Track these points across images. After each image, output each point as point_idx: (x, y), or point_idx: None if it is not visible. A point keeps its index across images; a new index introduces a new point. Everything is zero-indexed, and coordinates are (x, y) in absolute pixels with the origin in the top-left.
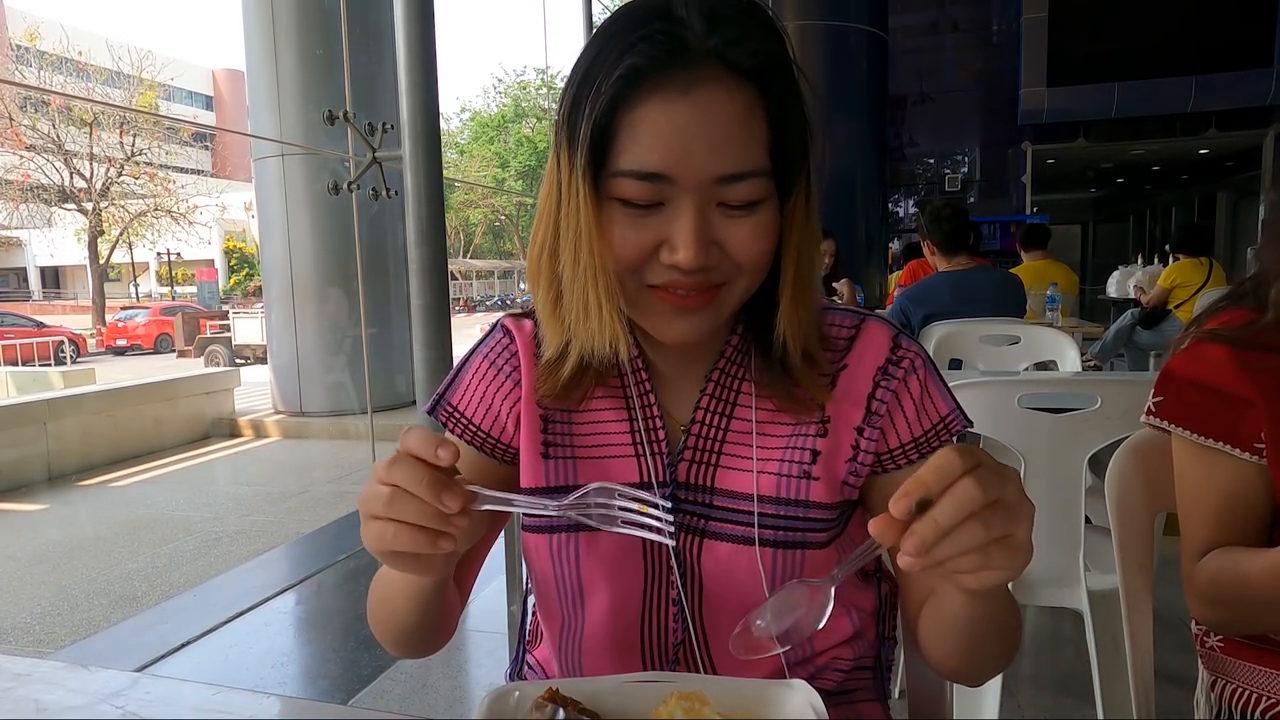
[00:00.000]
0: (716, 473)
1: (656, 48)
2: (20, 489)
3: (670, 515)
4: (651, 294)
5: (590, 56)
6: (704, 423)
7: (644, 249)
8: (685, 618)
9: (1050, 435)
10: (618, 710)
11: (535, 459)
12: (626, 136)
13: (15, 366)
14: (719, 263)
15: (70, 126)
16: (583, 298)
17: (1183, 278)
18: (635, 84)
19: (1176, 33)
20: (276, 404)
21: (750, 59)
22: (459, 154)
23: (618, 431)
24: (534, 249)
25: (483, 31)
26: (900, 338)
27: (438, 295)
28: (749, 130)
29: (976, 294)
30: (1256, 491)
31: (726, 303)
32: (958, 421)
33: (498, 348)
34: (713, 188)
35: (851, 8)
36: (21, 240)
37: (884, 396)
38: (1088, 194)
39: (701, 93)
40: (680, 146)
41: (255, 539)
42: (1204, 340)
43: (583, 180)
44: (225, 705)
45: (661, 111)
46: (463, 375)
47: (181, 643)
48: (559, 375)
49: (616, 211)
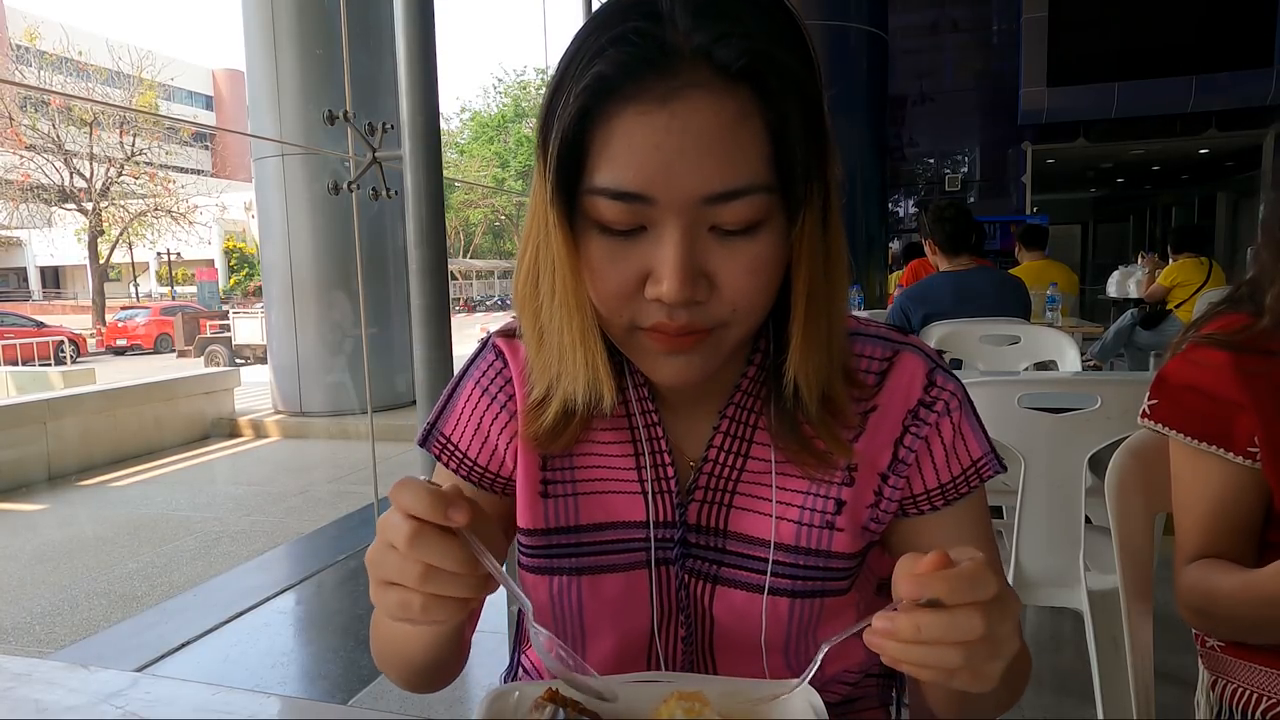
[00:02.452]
0: (730, 515)
1: (628, 52)
2: (20, 489)
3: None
4: (640, 334)
5: (566, 59)
6: (717, 461)
7: (626, 283)
8: (695, 659)
9: (1050, 435)
10: (618, 710)
11: (533, 498)
12: (600, 151)
13: (15, 366)
14: (709, 299)
15: (70, 126)
16: (560, 336)
17: (1183, 277)
18: (606, 95)
19: (1176, 33)
20: (276, 404)
21: (741, 58)
22: (459, 154)
23: (623, 466)
24: (519, 273)
25: (483, 31)
26: (936, 374)
27: (438, 295)
28: (740, 141)
29: (977, 294)
30: (1248, 495)
31: (723, 344)
32: (989, 466)
33: (490, 372)
34: (701, 209)
35: (851, 8)
36: (21, 240)
37: (913, 444)
38: (1088, 194)
39: (682, 101)
40: (660, 163)
41: (255, 539)
42: (1200, 345)
43: (552, 204)
44: (225, 705)
45: (637, 125)
46: (454, 403)
47: (181, 643)
48: (542, 419)
49: (594, 238)
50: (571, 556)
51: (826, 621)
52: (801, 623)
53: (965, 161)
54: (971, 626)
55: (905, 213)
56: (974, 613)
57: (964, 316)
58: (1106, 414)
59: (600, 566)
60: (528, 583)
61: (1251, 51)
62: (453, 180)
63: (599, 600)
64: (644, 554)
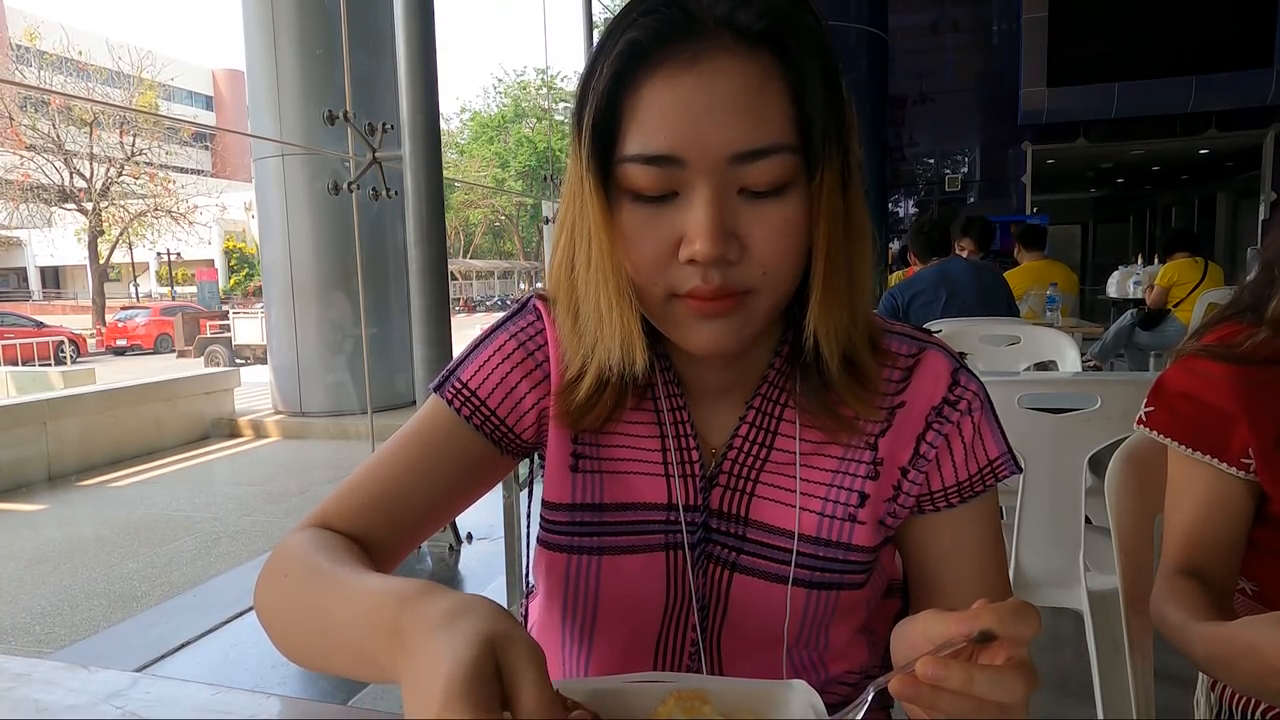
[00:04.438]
0: (752, 503)
1: (658, 20)
2: (20, 489)
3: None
4: (677, 302)
5: (602, 39)
6: (742, 449)
7: (661, 247)
8: (701, 647)
9: (1050, 435)
10: (618, 710)
11: (563, 472)
12: (631, 119)
13: (15, 366)
14: (740, 260)
15: (70, 126)
16: (595, 301)
17: (1179, 276)
18: (637, 60)
19: (1176, 33)
20: (276, 404)
21: (760, 21)
22: (459, 154)
23: (649, 449)
24: (555, 260)
25: (483, 31)
26: (960, 373)
27: (438, 295)
28: (764, 101)
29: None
30: (1235, 507)
31: (755, 311)
32: (1005, 466)
33: (529, 329)
34: (730, 169)
35: (851, 8)
36: (21, 240)
37: (935, 440)
38: (1088, 194)
39: (708, 63)
40: (688, 124)
41: (255, 539)
42: (1199, 356)
43: (588, 171)
44: (225, 705)
45: (666, 88)
46: (480, 351)
47: (181, 643)
48: (575, 394)
49: (629, 206)
50: (594, 535)
51: (840, 616)
52: (815, 615)
53: (965, 161)
54: (1016, 687)
55: (905, 213)
56: (1021, 674)
57: (945, 299)
58: (1106, 414)
59: (620, 547)
60: (543, 561)
61: (1251, 51)
62: (453, 180)
63: (616, 582)
64: (664, 536)
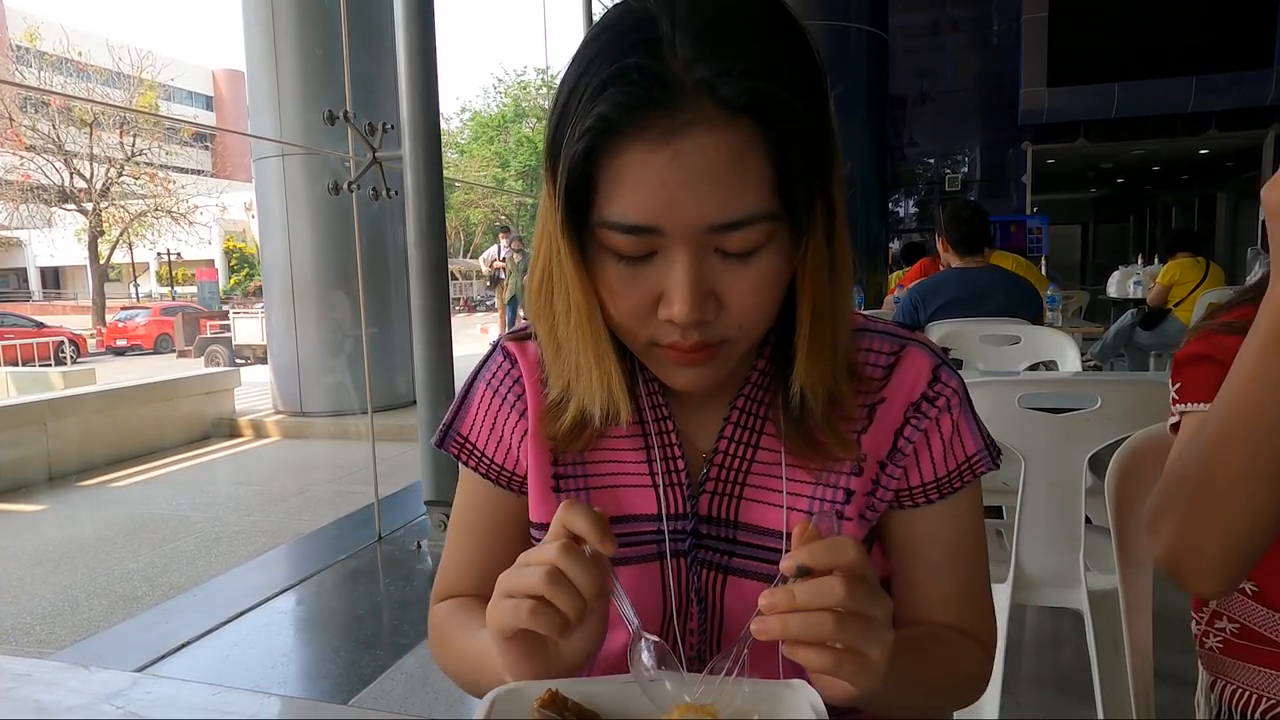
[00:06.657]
0: (740, 506)
1: (629, 93)
2: (20, 489)
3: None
4: (657, 349)
5: (569, 86)
6: (727, 453)
7: (641, 303)
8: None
9: (1050, 435)
10: (618, 711)
11: (544, 493)
12: (607, 187)
13: (15, 367)
14: (716, 318)
15: (70, 127)
16: (575, 356)
17: (1181, 275)
18: (610, 134)
19: (1176, 33)
20: (277, 404)
21: (743, 96)
22: (459, 154)
23: (634, 460)
24: (533, 279)
25: (483, 31)
26: (940, 370)
27: (438, 295)
28: (744, 173)
29: (987, 292)
30: None
31: (733, 355)
32: (983, 462)
33: (499, 373)
34: (708, 236)
35: (851, 8)
36: (21, 240)
37: (913, 435)
38: (1088, 194)
39: (686, 138)
40: (666, 198)
41: (255, 539)
42: (1217, 331)
43: (563, 235)
44: (225, 705)
45: (641, 162)
46: (469, 404)
47: (182, 643)
48: (560, 423)
49: (608, 263)
50: None
51: None
52: None
53: (965, 161)
54: (834, 590)
55: (905, 213)
56: (836, 578)
57: (973, 312)
58: (1106, 414)
59: (614, 560)
60: None
61: (1251, 51)
62: (453, 180)
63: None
64: (656, 547)
